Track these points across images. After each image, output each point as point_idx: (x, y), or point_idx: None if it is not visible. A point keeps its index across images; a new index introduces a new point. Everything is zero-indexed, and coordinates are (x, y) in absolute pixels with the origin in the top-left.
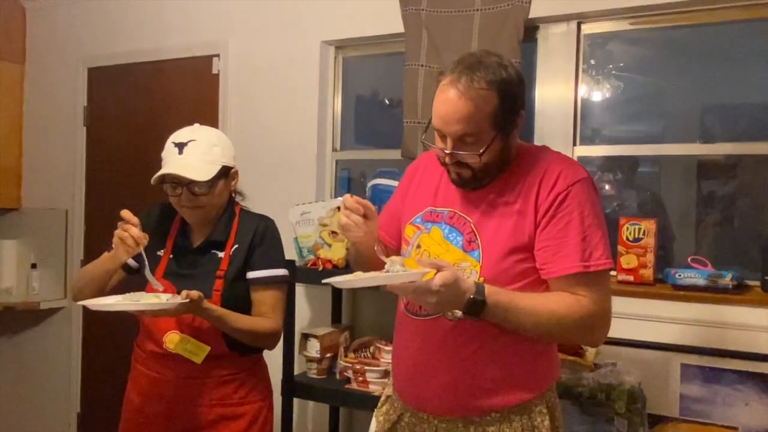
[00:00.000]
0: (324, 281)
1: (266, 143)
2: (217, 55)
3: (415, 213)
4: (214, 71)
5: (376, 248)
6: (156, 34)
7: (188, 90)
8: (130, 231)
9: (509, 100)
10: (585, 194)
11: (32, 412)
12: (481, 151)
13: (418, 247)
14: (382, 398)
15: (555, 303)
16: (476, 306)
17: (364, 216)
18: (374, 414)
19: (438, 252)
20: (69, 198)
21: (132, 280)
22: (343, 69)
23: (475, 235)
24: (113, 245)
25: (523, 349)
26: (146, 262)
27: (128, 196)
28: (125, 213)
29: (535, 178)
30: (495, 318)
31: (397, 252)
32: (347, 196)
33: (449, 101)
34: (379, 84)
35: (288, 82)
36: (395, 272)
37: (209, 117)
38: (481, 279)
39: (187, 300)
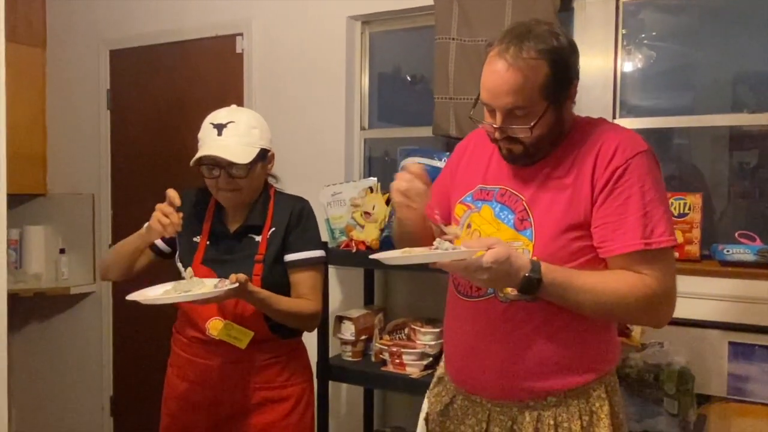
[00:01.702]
0: (373, 257)
1: (293, 123)
2: (241, 34)
3: (464, 192)
4: (238, 50)
5: (436, 216)
6: (178, 13)
7: (212, 70)
8: (172, 217)
9: (561, 69)
10: (645, 167)
11: (65, 396)
12: (532, 123)
13: (468, 226)
14: (434, 379)
15: (616, 281)
16: (532, 284)
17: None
18: (426, 395)
19: (489, 231)
20: (95, 182)
21: (161, 263)
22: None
23: (528, 213)
24: (149, 224)
25: (581, 330)
26: (178, 251)
27: (154, 178)
28: (172, 193)
29: (591, 151)
30: (551, 297)
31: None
32: (410, 160)
33: (497, 73)
34: (401, 60)
35: (314, 59)
36: (445, 249)
37: (234, 97)
38: (534, 258)
39: (237, 284)
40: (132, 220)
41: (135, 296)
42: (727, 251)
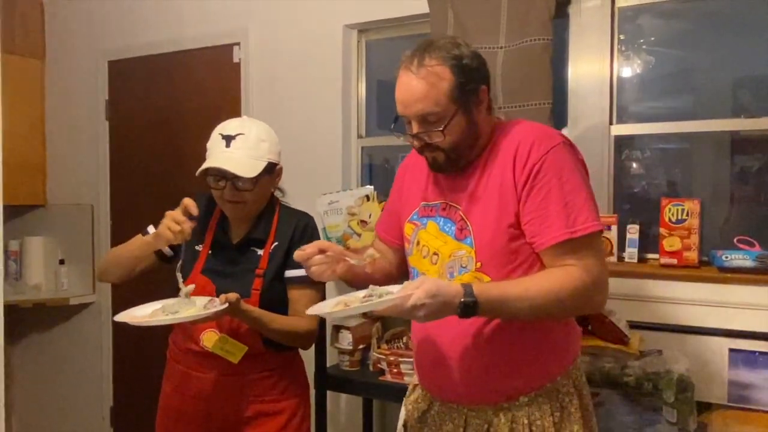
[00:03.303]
0: (309, 312)
1: (290, 132)
2: (238, 44)
3: (411, 210)
4: (235, 60)
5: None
6: (175, 24)
7: (209, 80)
8: (184, 226)
9: (464, 74)
10: (561, 160)
11: (66, 407)
12: (443, 127)
13: (418, 243)
14: (410, 387)
15: (546, 281)
16: (469, 308)
17: (321, 251)
18: (403, 402)
19: (436, 245)
20: (94, 193)
21: (162, 267)
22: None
23: (465, 222)
24: (157, 231)
25: (543, 327)
26: (181, 260)
27: (153, 188)
28: (189, 202)
29: (510, 153)
30: (492, 313)
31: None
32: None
33: (404, 84)
34: (394, 68)
35: (311, 68)
36: (379, 297)
37: (231, 106)
38: (478, 264)
39: (227, 305)
40: (131, 230)
41: (123, 317)
42: (726, 257)
